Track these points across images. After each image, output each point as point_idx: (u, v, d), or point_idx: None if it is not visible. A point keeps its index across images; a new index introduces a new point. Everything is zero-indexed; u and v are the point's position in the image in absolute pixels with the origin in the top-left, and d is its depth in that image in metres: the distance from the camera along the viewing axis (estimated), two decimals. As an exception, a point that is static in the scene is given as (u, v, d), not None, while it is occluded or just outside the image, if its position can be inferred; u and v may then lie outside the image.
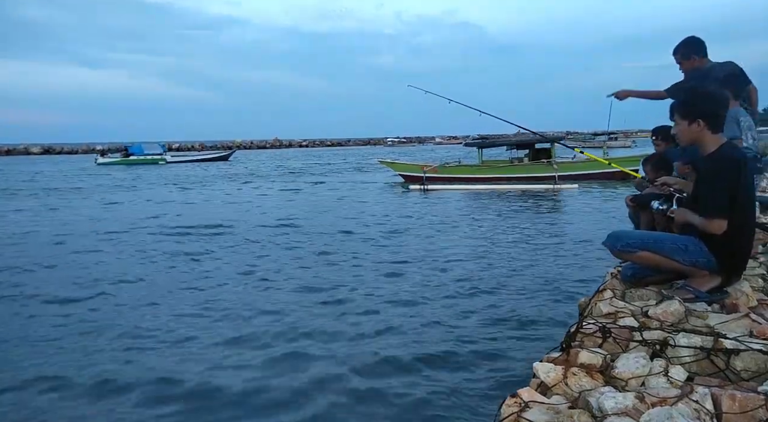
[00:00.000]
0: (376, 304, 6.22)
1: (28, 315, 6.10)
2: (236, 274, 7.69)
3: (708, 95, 3.00)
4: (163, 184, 24.42)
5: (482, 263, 8.17)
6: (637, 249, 2.95)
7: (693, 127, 2.89)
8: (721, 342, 2.17)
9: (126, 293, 6.86)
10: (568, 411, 1.77)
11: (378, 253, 9.01)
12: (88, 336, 5.38)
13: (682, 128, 2.96)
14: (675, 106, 3.11)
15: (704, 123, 2.86)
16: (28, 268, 8.29)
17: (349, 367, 4.57)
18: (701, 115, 2.87)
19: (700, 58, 4.58)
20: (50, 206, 16.80)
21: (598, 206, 14.52)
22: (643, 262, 3.05)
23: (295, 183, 24.43)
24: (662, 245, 2.93)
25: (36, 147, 72.36)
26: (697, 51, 4.58)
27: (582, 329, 2.40)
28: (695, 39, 4.63)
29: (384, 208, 15.18)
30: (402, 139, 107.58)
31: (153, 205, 16.79)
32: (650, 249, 2.93)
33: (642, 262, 3.06)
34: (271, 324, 5.59)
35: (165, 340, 5.20)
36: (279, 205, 16.30)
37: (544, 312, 5.81)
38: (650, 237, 3.06)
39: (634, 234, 3.38)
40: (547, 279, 7.14)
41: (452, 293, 6.61)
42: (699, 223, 2.86)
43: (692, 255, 2.86)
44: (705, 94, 3.02)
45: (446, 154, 38.73)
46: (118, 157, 43.75)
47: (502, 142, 24.40)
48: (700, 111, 2.89)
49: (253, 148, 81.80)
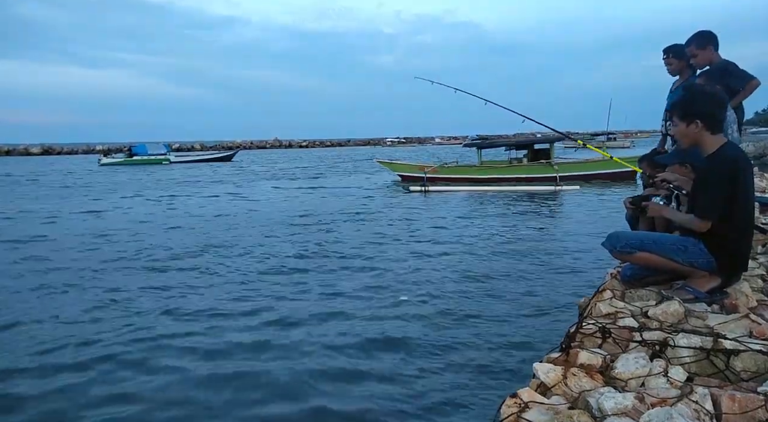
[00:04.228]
0: (376, 303, 6.22)
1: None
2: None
3: (705, 95, 2.96)
4: (230, 182, 25.05)
5: (482, 263, 8.17)
6: (636, 249, 2.95)
7: (691, 128, 2.86)
8: (720, 342, 2.18)
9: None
10: (568, 411, 1.77)
11: (381, 253, 9.01)
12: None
13: (680, 129, 2.92)
14: (673, 106, 3.05)
15: (702, 124, 2.83)
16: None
17: (347, 367, 4.57)
18: (699, 115, 2.83)
19: (716, 51, 4.38)
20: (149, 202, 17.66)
21: (600, 207, 14.51)
22: (642, 263, 3.05)
23: (318, 181, 24.83)
24: (662, 246, 2.92)
25: (36, 147, 72.26)
26: (714, 42, 4.38)
27: (582, 329, 2.40)
28: (709, 31, 4.43)
29: (386, 207, 15.19)
30: (402, 139, 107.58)
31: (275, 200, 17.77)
32: (649, 249, 2.93)
33: (641, 263, 3.05)
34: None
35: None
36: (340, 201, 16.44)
37: (543, 312, 5.81)
38: (649, 238, 3.05)
39: (634, 234, 3.37)
40: (547, 279, 7.14)
41: (451, 293, 6.61)
42: (680, 220, 2.87)
43: (691, 256, 2.85)
44: (702, 94, 2.98)
45: (445, 155, 38.70)
46: (122, 157, 43.40)
47: (502, 142, 24.40)
48: (697, 111, 2.84)
49: (252, 148, 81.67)
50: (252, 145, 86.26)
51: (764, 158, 23.51)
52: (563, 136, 11.79)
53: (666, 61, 4.59)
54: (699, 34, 4.43)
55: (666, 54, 4.58)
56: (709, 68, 4.43)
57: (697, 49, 4.38)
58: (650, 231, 3.78)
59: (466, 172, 22.18)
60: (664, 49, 4.61)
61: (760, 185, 7.22)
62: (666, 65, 4.61)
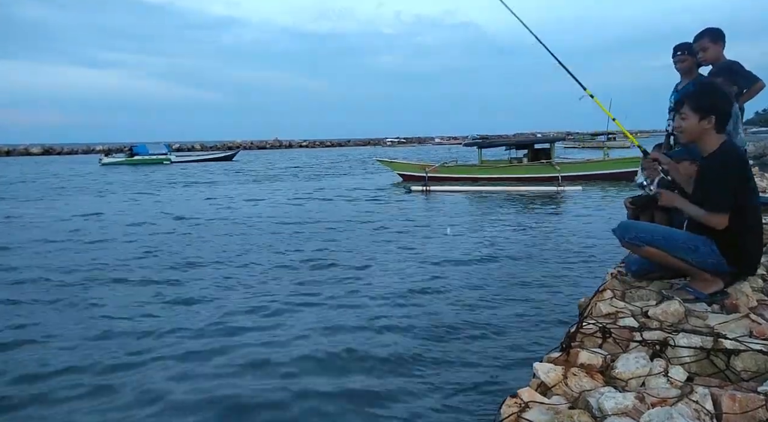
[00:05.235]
0: (375, 302, 6.22)
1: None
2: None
3: (723, 93, 2.91)
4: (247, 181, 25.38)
5: (483, 262, 8.17)
6: (645, 243, 2.87)
7: (703, 123, 2.79)
8: (721, 342, 2.17)
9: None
10: (568, 411, 1.77)
11: (386, 254, 9.02)
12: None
13: (691, 123, 2.83)
14: (686, 98, 2.91)
15: (715, 120, 2.78)
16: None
17: (347, 364, 4.58)
18: (715, 111, 2.78)
19: (723, 49, 4.33)
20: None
21: (601, 207, 14.51)
22: (648, 257, 2.97)
23: (319, 182, 24.91)
24: (672, 242, 2.85)
25: (36, 147, 72.26)
26: (724, 40, 4.32)
27: (582, 329, 2.40)
28: (719, 28, 4.36)
29: (386, 208, 15.19)
30: (402, 139, 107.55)
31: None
32: (658, 245, 2.86)
33: (648, 257, 2.98)
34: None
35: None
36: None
37: (543, 312, 5.81)
38: (660, 233, 2.95)
39: (645, 226, 3.17)
40: (547, 279, 7.14)
41: (451, 292, 6.61)
42: (697, 215, 2.79)
43: (702, 256, 2.80)
44: (721, 92, 2.94)
45: (444, 155, 38.67)
46: (123, 157, 43.28)
47: (502, 142, 24.39)
48: (714, 107, 2.79)
49: (252, 149, 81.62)
50: (252, 145, 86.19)
51: (764, 158, 23.50)
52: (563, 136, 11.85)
53: (678, 59, 4.54)
54: (711, 29, 4.38)
55: (681, 51, 4.51)
56: (715, 67, 4.41)
57: (710, 41, 4.32)
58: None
59: (466, 171, 22.16)
60: (676, 46, 4.57)
61: (761, 185, 7.23)
62: (677, 63, 4.57)
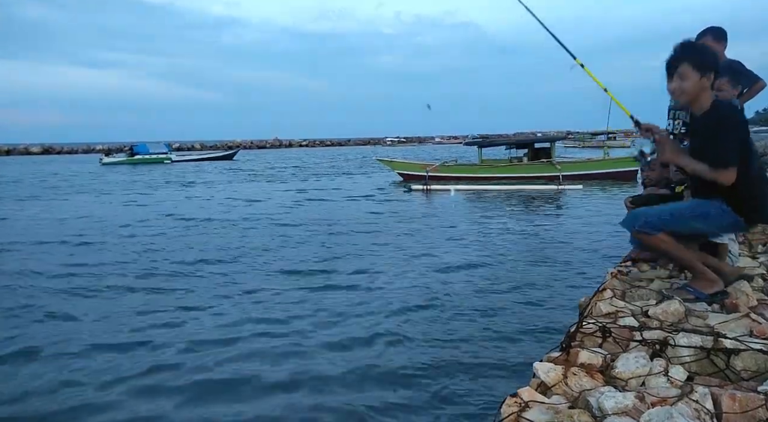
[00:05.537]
0: (376, 304, 6.22)
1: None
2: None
3: (713, 52, 2.97)
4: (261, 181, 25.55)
5: (483, 262, 8.16)
6: (657, 230, 2.80)
7: (704, 81, 2.78)
8: (721, 341, 2.17)
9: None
10: (568, 411, 1.77)
11: (387, 254, 9.02)
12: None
13: (693, 81, 2.78)
14: (684, 56, 2.82)
15: (713, 78, 2.79)
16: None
17: (348, 369, 4.57)
18: (713, 69, 2.79)
19: (725, 49, 4.34)
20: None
21: (601, 206, 14.51)
22: (661, 248, 2.89)
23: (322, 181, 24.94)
24: (681, 218, 2.81)
25: (36, 147, 72.30)
26: (726, 40, 4.32)
27: (582, 329, 2.40)
28: (721, 27, 4.38)
29: (387, 208, 15.19)
30: (402, 139, 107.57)
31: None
32: (670, 228, 2.79)
33: (661, 247, 2.89)
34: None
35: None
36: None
37: (543, 311, 5.81)
38: (667, 211, 2.88)
39: (652, 209, 3.04)
40: (547, 278, 7.14)
41: (451, 292, 6.61)
42: (703, 172, 2.73)
43: (715, 220, 2.78)
44: (711, 51, 3.00)
45: (445, 154, 38.67)
46: (123, 157, 43.20)
47: (502, 141, 24.38)
48: (714, 63, 2.81)
49: (252, 148, 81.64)
50: (252, 145, 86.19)
51: (764, 158, 23.46)
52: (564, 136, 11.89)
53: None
54: (713, 28, 4.37)
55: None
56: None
57: (712, 40, 4.31)
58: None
59: (467, 170, 22.16)
60: (676, 46, 4.54)
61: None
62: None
